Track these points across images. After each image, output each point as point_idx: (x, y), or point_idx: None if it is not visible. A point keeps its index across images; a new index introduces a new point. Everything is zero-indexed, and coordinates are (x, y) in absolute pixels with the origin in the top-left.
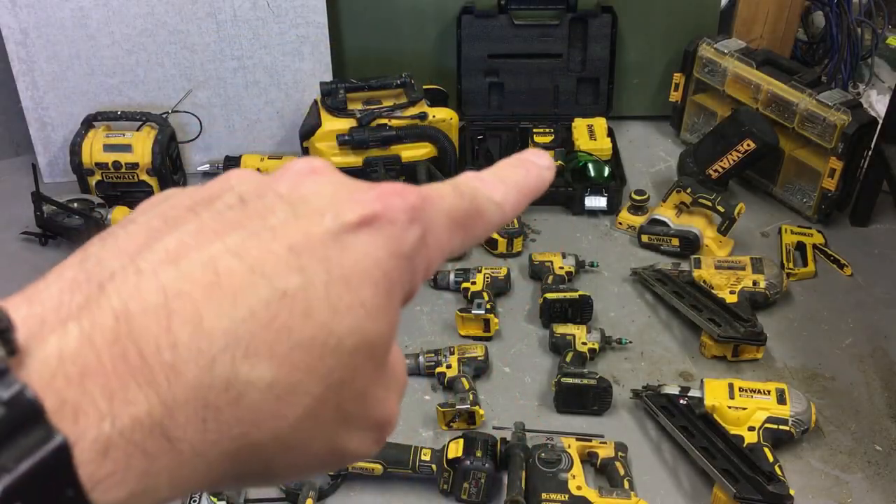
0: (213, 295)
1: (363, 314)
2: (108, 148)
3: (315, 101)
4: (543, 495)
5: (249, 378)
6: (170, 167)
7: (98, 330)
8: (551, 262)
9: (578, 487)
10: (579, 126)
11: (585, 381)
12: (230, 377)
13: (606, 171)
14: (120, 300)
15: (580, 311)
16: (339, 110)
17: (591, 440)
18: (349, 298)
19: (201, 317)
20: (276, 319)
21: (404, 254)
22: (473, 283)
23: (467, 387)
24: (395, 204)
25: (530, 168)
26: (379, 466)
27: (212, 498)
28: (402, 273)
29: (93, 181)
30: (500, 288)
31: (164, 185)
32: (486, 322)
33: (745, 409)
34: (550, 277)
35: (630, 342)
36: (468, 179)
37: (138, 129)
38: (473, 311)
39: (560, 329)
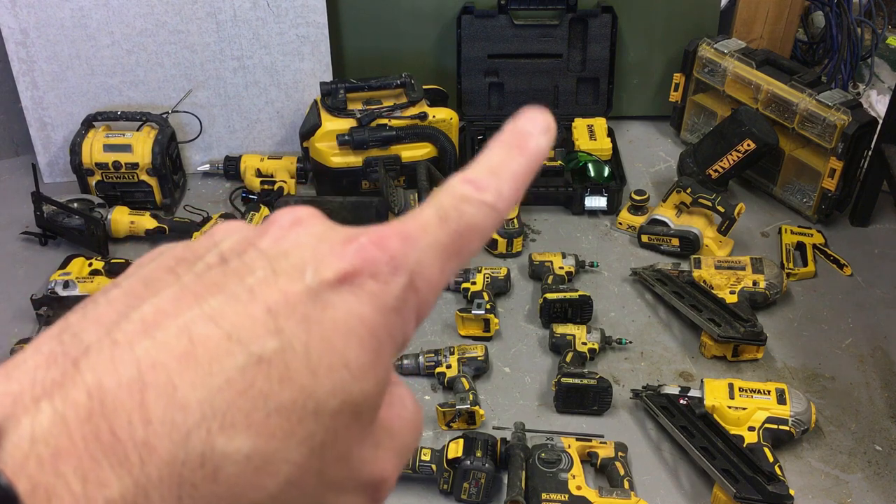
0: (189, 364)
1: (347, 375)
2: (108, 148)
3: (315, 101)
4: (543, 495)
5: (226, 451)
6: (170, 167)
7: (71, 408)
8: (551, 262)
9: (578, 487)
10: (579, 126)
11: (585, 381)
12: (205, 451)
13: (606, 171)
14: (94, 375)
15: (580, 311)
16: (339, 110)
17: (591, 440)
18: (330, 359)
19: (175, 388)
20: (252, 386)
21: (391, 307)
22: (473, 283)
23: (467, 387)
24: (375, 257)
25: (524, 145)
26: None
27: None
28: (390, 327)
29: (93, 181)
30: (500, 288)
31: (164, 185)
32: (486, 322)
33: (745, 409)
34: (550, 277)
35: (630, 342)
36: (454, 188)
37: (138, 129)
38: (473, 311)
39: (560, 329)
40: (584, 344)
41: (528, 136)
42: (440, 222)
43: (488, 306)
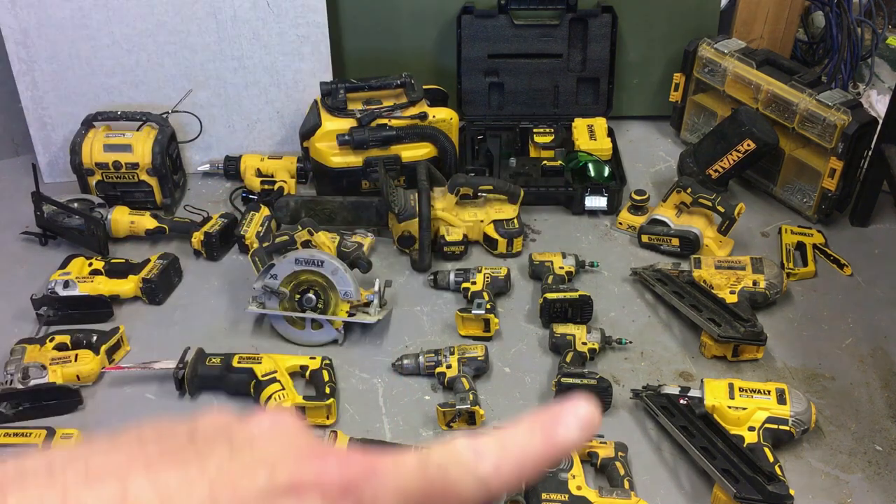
0: None
1: None
2: (108, 148)
3: (315, 101)
4: (543, 495)
5: None
6: (170, 167)
7: None
8: (551, 262)
9: (578, 487)
10: (579, 126)
11: (585, 381)
12: None
13: (606, 171)
14: None
15: (580, 311)
16: (339, 110)
17: (591, 440)
18: None
19: None
20: None
21: None
22: (473, 283)
23: (467, 387)
24: (331, 477)
25: (552, 433)
26: None
27: None
28: None
29: (93, 181)
30: (500, 288)
31: (164, 185)
32: (486, 322)
33: (745, 409)
34: (550, 277)
35: (630, 342)
36: (455, 446)
37: (138, 129)
38: (473, 311)
39: (560, 329)
40: (584, 344)
41: (560, 425)
42: (418, 471)
43: (488, 306)
